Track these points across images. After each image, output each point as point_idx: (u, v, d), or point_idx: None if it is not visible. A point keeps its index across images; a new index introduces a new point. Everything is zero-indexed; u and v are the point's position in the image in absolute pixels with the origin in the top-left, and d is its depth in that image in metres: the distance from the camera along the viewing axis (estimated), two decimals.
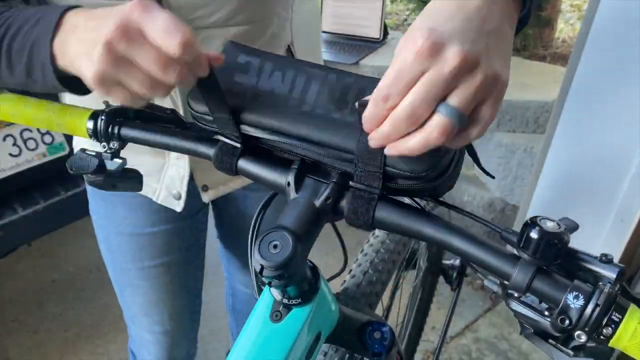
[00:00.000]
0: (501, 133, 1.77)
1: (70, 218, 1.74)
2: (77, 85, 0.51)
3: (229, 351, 0.49)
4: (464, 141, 0.41)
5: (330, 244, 0.60)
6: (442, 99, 0.38)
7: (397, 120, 0.38)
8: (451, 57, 0.36)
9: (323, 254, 0.58)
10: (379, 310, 0.87)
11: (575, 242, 0.39)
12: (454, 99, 0.37)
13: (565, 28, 2.51)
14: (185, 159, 0.80)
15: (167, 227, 0.92)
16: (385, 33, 2.15)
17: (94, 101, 0.56)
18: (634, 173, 1.34)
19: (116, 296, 1.05)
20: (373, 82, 0.49)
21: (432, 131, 0.38)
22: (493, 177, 0.54)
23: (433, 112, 0.38)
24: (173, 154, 0.81)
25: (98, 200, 0.93)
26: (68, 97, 0.82)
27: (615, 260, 0.39)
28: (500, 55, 0.39)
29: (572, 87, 1.39)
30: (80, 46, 0.47)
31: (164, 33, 0.42)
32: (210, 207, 1.04)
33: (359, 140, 0.45)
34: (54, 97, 0.84)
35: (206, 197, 0.86)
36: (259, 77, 0.51)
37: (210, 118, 0.51)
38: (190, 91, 0.52)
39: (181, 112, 0.74)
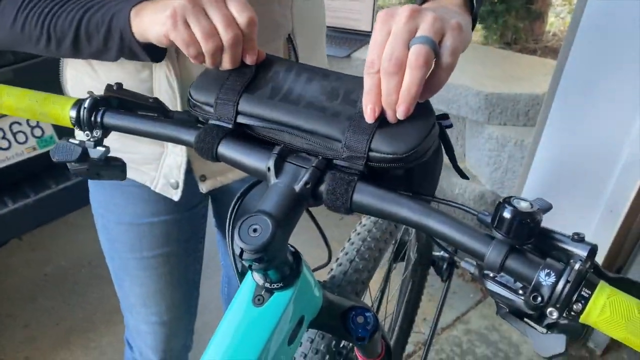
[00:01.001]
0: (492, 126, 1.77)
1: (62, 211, 1.74)
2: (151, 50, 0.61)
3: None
4: (443, 73, 0.46)
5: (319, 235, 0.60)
6: None
7: (386, 70, 0.45)
8: (402, 10, 0.46)
9: (311, 244, 0.59)
10: (367, 301, 0.88)
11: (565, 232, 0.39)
12: (419, 32, 0.45)
13: (556, 22, 2.52)
14: (182, 147, 0.81)
15: (167, 218, 0.93)
16: None
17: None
18: (623, 165, 1.35)
19: (109, 290, 1.06)
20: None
21: (412, 59, 0.44)
22: (467, 178, 0.55)
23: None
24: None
25: (98, 189, 0.93)
26: (70, 89, 0.83)
27: (605, 250, 0.40)
28: (449, 15, 0.48)
29: (562, 80, 1.39)
30: (158, 6, 0.56)
31: (240, 4, 0.53)
32: (210, 200, 1.05)
33: (349, 126, 0.48)
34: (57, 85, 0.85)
35: (204, 187, 0.87)
36: (258, 73, 0.54)
37: (208, 108, 0.53)
38: (193, 83, 0.55)
39: (177, 99, 0.75)
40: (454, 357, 1.69)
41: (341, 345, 0.78)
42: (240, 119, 0.52)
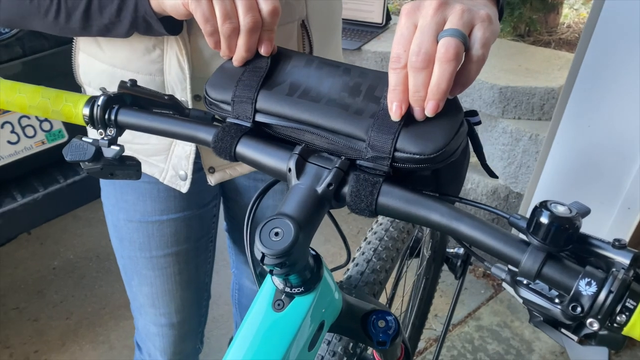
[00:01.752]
0: (506, 120, 1.75)
1: (70, 206, 1.74)
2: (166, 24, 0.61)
3: (231, 338, 0.48)
4: (473, 66, 0.44)
5: (332, 231, 0.59)
6: None
7: (414, 65, 0.43)
8: (429, 3, 0.44)
9: (325, 241, 0.57)
10: (382, 299, 0.87)
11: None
12: (447, 25, 0.43)
13: (570, 13, 2.48)
14: None
15: (176, 216, 0.92)
16: (388, 18, 2.13)
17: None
18: None
19: (117, 284, 1.05)
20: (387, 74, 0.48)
21: (441, 52, 0.42)
22: (496, 177, 0.53)
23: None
24: None
25: (108, 186, 0.92)
26: (82, 74, 0.82)
27: None
28: (478, 4, 0.46)
29: (580, 73, 1.36)
30: None
31: None
32: (221, 200, 1.04)
33: (373, 124, 0.46)
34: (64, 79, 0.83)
35: (212, 180, 0.85)
36: (275, 69, 0.53)
37: (225, 107, 0.52)
38: (209, 80, 0.53)
39: (188, 80, 0.73)
40: (465, 354, 1.67)
41: (357, 347, 0.77)
42: (259, 118, 0.51)
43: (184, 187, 0.84)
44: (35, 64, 1.51)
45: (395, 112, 0.45)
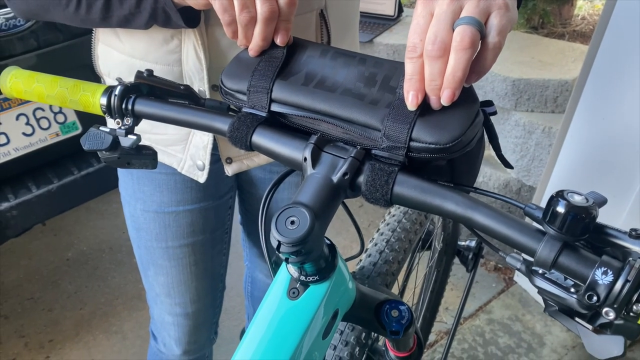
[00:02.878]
0: (519, 113, 1.73)
1: (84, 198, 1.75)
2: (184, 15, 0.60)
3: (243, 330, 0.49)
4: (489, 54, 0.44)
5: (343, 223, 0.59)
6: None
7: (430, 54, 0.43)
8: None
9: (336, 234, 0.57)
10: (394, 291, 0.87)
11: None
12: (463, 12, 0.43)
13: (584, 5, 2.45)
14: None
15: (192, 207, 0.92)
16: (400, 11, 2.12)
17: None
18: None
19: (130, 275, 1.06)
20: (402, 64, 0.49)
21: (457, 39, 0.42)
22: (512, 167, 0.53)
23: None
24: None
25: (126, 177, 0.93)
26: (101, 65, 0.83)
27: None
28: None
29: (594, 65, 1.35)
30: None
31: None
32: (237, 194, 1.04)
33: (388, 114, 0.46)
34: (78, 70, 0.84)
35: (229, 170, 0.86)
36: (291, 59, 0.53)
37: (241, 96, 0.52)
38: (225, 70, 0.53)
39: (205, 71, 0.74)
40: (476, 347, 1.67)
41: (369, 337, 0.77)
42: (275, 107, 0.51)
43: (201, 177, 0.85)
44: (50, 56, 1.53)
45: (411, 101, 0.45)
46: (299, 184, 0.89)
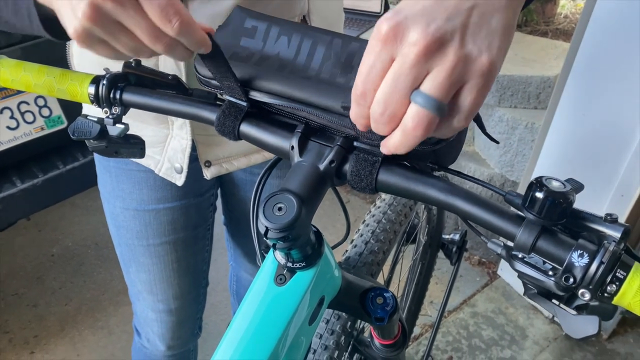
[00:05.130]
0: (502, 108, 1.76)
1: (69, 192, 1.74)
2: (61, 31, 0.47)
3: (229, 324, 0.50)
4: (448, 132, 0.38)
5: (329, 219, 0.60)
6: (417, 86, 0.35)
7: (376, 118, 0.36)
8: (415, 40, 0.33)
9: (322, 228, 0.58)
10: (379, 282, 0.88)
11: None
12: (427, 85, 0.34)
13: (567, 4, 2.49)
14: (187, 130, 0.79)
15: (173, 205, 0.91)
16: (387, 7, 2.13)
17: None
18: (635, 149, 1.34)
19: (115, 271, 1.06)
20: None
21: (408, 123, 0.35)
22: (497, 142, 0.53)
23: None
24: (176, 124, 0.80)
25: (104, 174, 0.92)
26: (76, 65, 0.82)
27: None
28: (486, 33, 0.34)
29: (575, 62, 1.38)
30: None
31: (160, 12, 0.40)
32: (219, 193, 1.04)
33: None
34: (63, 64, 0.83)
35: (208, 174, 0.85)
36: (265, 42, 0.51)
37: (217, 83, 0.51)
38: (197, 55, 0.52)
39: (183, 76, 0.73)
40: (460, 340, 1.70)
41: (355, 326, 0.78)
42: (253, 95, 0.50)
43: (179, 180, 0.84)
44: (34, 49, 1.51)
45: (360, 128, 0.41)
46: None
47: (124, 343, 1.74)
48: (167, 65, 0.73)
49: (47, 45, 1.47)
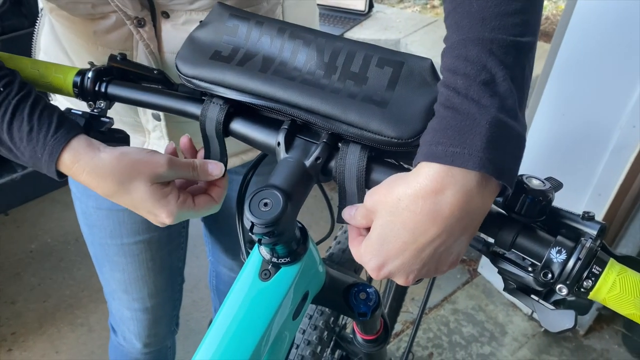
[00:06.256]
0: None
1: (48, 187, 1.72)
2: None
3: (211, 321, 0.50)
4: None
5: (312, 216, 0.60)
6: None
7: None
8: (368, 260, 0.44)
9: (306, 226, 0.58)
10: (362, 278, 0.89)
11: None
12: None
13: (549, 5, 2.53)
14: (165, 140, 0.78)
15: None
16: (371, 6, 2.14)
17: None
18: (612, 148, 1.37)
19: (95, 268, 1.04)
20: (362, 46, 0.49)
21: None
22: None
23: None
24: (153, 135, 0.78)
25: None
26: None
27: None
28: (444, 262, 0.43)
29: (556, 64, 1.40)
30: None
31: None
32: None
33: (350, 107, 0.45)
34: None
35: None
36: (248, 41, 0.51)
37: (198, 82, 0.51)
38: (179, 53, 0.52)
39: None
40: (441, 336, 1.72)
41: (338, 322, 0.79)
42: (235, 96, 0.49)
43: None
44: (15, 42, 1.49)
45: None
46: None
47: (103, 340, 1.72)
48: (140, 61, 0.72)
49: (27, 38, 1.45)
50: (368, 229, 0.44)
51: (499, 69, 0.38)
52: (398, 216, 0.40)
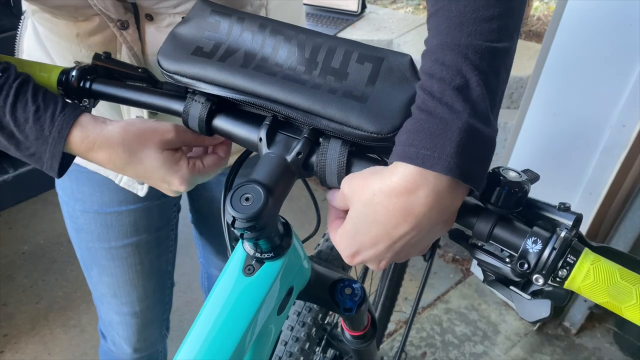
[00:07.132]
0: None
1: (40, 188, 1.71)
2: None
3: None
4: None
5: (305, 215, 0.61)
6: None
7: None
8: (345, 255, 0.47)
9: (297, 225, 0.58)
10: (352, 276, 0.89)
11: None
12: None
13: (540, 6, 2.54)
14: None
15: (135, 207, 0.89)
16: (364, 6, 2.15)
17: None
18: (603, 148, 1.38)
19: None
20: (343, 42, 0.49)
21: None
22: None
23: None
24: None
25: (63, 177, 0.90)
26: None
27: (583, 231, 0.41)
28: (414, 250, 0.46)
29: (547, 63, 1.41)
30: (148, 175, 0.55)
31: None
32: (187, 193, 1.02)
33: (330, 102, 0.45)
34: None
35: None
36: (229, 36, 0.51)
37: (180, 78, 0.51)
38: (161, 48, 0.52)
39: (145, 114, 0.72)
40: (434, 336, 1.72)
41: (326, 322, 0.79)
42: (216, 91, 0.50)
43: (141, 191, 0.83)
44: (4, 42, 1.49)
45: None
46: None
47: (96, 341, 1.72)
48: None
49: (13, 40, 1.45)
50: (346, 212, 0.46)
51: (473, 74, 0.39)
52: (371, 209, 0.42)
